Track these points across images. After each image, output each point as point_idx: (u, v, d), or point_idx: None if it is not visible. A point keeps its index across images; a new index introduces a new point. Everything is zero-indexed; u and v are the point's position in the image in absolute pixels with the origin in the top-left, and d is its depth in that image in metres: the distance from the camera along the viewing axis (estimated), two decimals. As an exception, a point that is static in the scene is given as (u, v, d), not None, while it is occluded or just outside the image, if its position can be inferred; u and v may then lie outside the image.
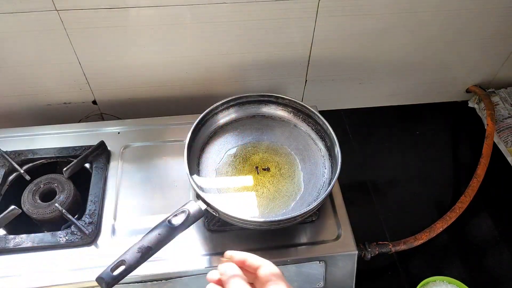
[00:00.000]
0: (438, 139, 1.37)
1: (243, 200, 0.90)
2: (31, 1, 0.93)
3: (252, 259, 0.65)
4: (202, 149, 0.99)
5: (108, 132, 1.09)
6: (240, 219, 0.80)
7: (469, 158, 1.30)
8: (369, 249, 0.97)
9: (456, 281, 0.96)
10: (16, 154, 1.01)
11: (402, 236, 1.02)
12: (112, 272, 0.71)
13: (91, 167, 1.00)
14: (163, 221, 0.77)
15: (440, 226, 1.04)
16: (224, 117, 1.03)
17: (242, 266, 0.64)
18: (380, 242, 0.99)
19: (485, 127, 1.28)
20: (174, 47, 1.09)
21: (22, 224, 0.92)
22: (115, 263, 0.71)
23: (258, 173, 0.95)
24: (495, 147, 1.22)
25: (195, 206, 0.80)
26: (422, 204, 1.19)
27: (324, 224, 0.93)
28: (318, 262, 0.88)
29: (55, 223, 0.93)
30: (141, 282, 0.84)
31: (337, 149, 0.91)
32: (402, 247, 1.00)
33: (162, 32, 1.05)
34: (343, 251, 0.88)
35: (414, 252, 1.07)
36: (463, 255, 1.09)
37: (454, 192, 1.22)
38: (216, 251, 0.87)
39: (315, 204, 0.82)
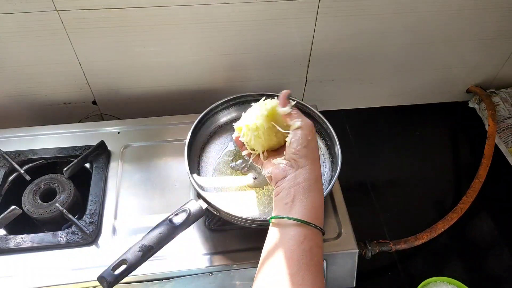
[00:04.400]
0: (438, 139, 1.37)
1: (244, 199, 0.90)
2: (31, 1, 0.93)
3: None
4: (202, 149, 0.99)
5: (108, 132, 1.09)
6: (241, 218, 0.81)
7: (469, 158, 1.30)
8: (369, 248, 0.97)
9: (457, 281, 0.96)
10: (16, 154, 1.01)
11: (402, 237, 1.02)
12: (114, 271, 0.71)
13: (91, 167, 1.00)
14: (164, 220, 0.77)
15: (441, 227, 1.04)
16: (224, 117, 1.03)
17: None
18: (381, 241, 0.99)
19: (486, 128, 1.28)
20: (174, 47, 1.09)
21: (23, 224, 0.92)
22: (116, 262, 0.72)
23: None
24: (495, 147, 1.22)
25: (196, 205, 0.80)
26: (422, 205, 1.19)
27: (325, 222, 0.92)
28: (319, 261, 0.88)
29: (56, 223, 0.93)
30: (142, 281, 0.84)
31: (337, 148, 0.91)
32: (403, 246, 1.00)
33: (162, 32, 1.05)
34: (344, 249, 0.88)
35: (415, 253, 1.07)
36: (463, 256, 1.09)
37: (454, 193, 1.22)
38: (217, 250, 0.87)
39: (316, 203, 0.82)
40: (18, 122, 1.19)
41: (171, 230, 0.76)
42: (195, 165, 0.95)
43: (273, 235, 0.67)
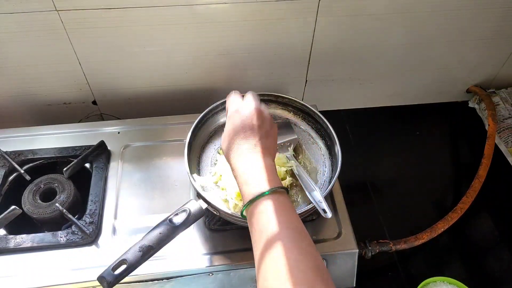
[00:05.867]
0: (438, 139, 1.37)
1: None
2: (31, 1, 0.93)
3: None
4: (203, 148, 0.99)
5: (108, 132, 1.09)
6: (241, 218, 0.80)
7: (469, 158, 1.30)
8: (369, 248, 0.97)
9: (457, 281, 0.96)
10: (16, 154, 1.01)
11: (402, 237, 1.02)
12: (114, 271, 0.71)
13: (91, 167, 1.00)
14: (164, 220, 0.77)
15: (441, 226, 1.03)
16: (224, 117, 1.03)
17: None
18: (381, 241, 0.99)
19: (486, 128, 1.28)
20: (174, 47, 1.09)
21: (23, 224, 0.92)
22: (117, 262, 0.72)
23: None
24: (495, 147, 1.22)
25: (196, 205, 0.80)
26: (422, 205, 1.19)
27: (325, 222, 0.92)
28: (319, 261, 0.88)
29: (56, 223, 0.93)
30: (142, 281, 0.84)
31: (337, 147, 0.91)
32: (403, 246, 1.00)
33: (162, 32, 1.04)
34: (344, 249, 0.88)
35: (415, 253, 1.07)
36: (463, 256, 1.09)
37: (454, 193, 1.22)
38: (217, 250, 0.88)
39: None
40: (18, 122, 1.19)
41: (171, 230, 0.76)
42: (195, 165, 0.95)
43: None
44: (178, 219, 0.77)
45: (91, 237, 0.87)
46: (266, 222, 0.63)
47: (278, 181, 0.69)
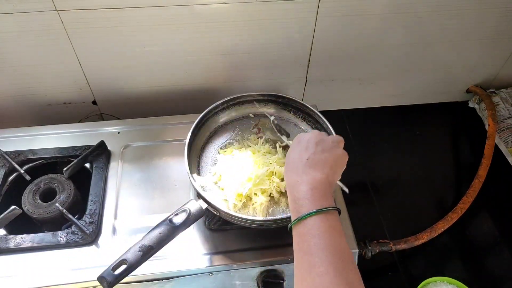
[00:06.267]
0: (438, 139, 1.37)
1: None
2: (31, 1, 0.93)
3: None
4: (202, 149, 0.99)
5: (108, 132, 1.09)
6: (241, 218, 0.80)
7: (469, 158, 1.30)
8: (369, 247, 0.97)
9: (457, 281, 0.96)
10: (16, 154, 1.01)
11: (402, 237, 1.02)
12: (114, 271, 0.71)
13: (91, 167, 1.00)
14: (164, 220, 0.77)
15: (441, 226, 1.04)
16: (224, 117, 1.03)
17: None
18: (381, 241, 0.99)
19: (486, 128, 1.28)
20: (174, 47, 1.09)
21: (23, 224, 0.92)
22: (117, 262, 0.72)
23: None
24: (495, 147, 1.22)
25: (196, 205, 0.80)
26: (422, 205, 1.19)
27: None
28: (319, 261, 0.88)
29: (56, 223, 0.92)
30: (142, 281, 0.84)
31: (338, 148, 0.91)
32: (403, 246, 1.00)
33: (162, 32, 1.05)
34: (344, 249, 0.88)
35: (415, 253, 1.07)
36: (463, 256, 1.09)
37: (454, 193, 1.22)
38: (217, 250, 0.87)
39: (316, 203, 0.82)
40: (18, 122, 1.19)
41: (171, 230, 0.76)
42: (195, 165, 0.95)
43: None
44: (178, 219, 0.77)
45: (91, 237, 0.87)
46: (310, 243, 0.62)
47: (328, 200, 0.66)
